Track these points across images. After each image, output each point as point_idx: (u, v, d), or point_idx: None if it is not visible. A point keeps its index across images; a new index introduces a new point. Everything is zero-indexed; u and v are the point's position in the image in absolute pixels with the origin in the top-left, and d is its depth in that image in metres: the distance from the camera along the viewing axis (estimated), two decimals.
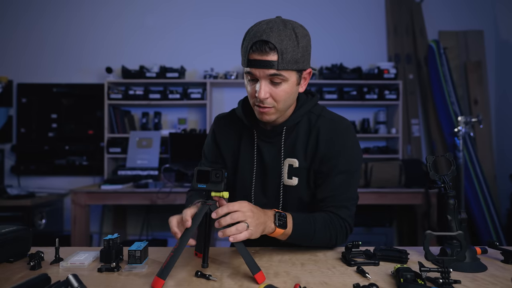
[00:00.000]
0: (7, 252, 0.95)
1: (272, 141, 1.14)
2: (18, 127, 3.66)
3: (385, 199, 2.95)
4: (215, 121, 1.26)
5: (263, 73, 0.98)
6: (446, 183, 0.99)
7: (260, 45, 0.96)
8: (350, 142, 1.10)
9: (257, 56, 0.97)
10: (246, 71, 1.02)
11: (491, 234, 3.24)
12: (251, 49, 0.98)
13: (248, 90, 1.05)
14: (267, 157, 1.14)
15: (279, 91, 1.00)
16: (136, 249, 0.93)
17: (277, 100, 1.02)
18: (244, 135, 1.18)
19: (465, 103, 3.73)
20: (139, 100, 3.48)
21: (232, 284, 0.80)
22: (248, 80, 1.04)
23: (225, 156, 1.21)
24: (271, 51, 0.96)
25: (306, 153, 1.11)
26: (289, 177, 1.12)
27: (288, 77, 1.00)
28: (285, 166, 1.12)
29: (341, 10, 3.81)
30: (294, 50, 0.98)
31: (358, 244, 1.00)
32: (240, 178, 1.18)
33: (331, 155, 1.08)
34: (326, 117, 1.13)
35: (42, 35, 3.72)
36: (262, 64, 0.97)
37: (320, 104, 1.18)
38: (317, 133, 1.11)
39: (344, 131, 1.10)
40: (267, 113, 1.04)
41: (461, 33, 3.76)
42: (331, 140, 1.09)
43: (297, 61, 0.99)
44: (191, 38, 3.76)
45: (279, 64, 0.96)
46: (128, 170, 3.20)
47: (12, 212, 3.00)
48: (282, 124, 1.11)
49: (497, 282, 0.82)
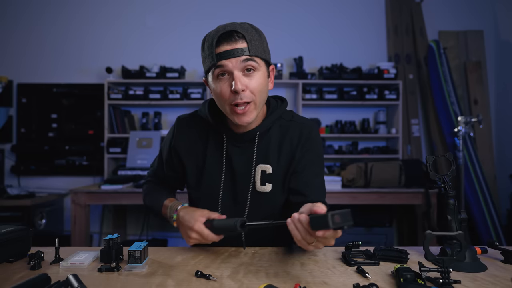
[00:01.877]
0: (7, 252, 0.95)
1: (243, 146, 1.11)
2: (18, 127, 3.66)
3: (385, 199, 2.95)
4: (177, 122, 1.19)
5: (236, 62, 0.97)
6: (446, 183, 0.99)
7: (227, 35, 0.97)
8: (319, 144, 1.15)
9: (226, 46, 0.97)
10: (215, 66, 0.98)
11: (491, 234, 3.23)
12: (217, 43, 0.97)
13: (219, 91, 1.00)
14: (237, 162, 1.11)
15: (254, 82, 0.99)
16: (136, 249, 0.92)
17: (254, 92, 0.99)
18: (210, 138, 1.14)
19: (465, 103, 3.73)
20: (139, 100, 3.48)
21: (232, 284, 0.80)
22: (217, 79, 1.00)
23: (185, 160, 1.15)
24: (240, 39, 0.97)
25: (280, 158, 1.11)
26: (262, 184, 1.10)
27: (259, 66, 1.00)
28: (258, 173, 1.10)
29: (341, 10, 3.81)
30: (259, 40, 1.00)
31: (358, 244, 1.00)
32: (205, 184, 1.13)
33: (305, 159, 1.11)
34: (297, 122, 1.14)
35: (42, 35, 3.72)
36: (233, 52, 0.96)
37: (288, 109, 1.19)
38: (291, 139, 1.11)
39: (315, 134, 1.13)
40: (246, 112, 1.00)
41: (461, 33, 3.76)
42: (304, 144, 1.11)
43: (264, 50, 1.02)
44: (191, 38, 3.76)
45: (250, 50, 0.97)
46: (128, 170, 3.20)
47: (12, 212, 3.00)
48: (255, 130, 1.09)
49: (497, 282, 0.82)
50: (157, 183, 1.27)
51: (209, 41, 0.99)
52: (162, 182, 1.27)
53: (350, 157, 3.49)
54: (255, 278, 0.84)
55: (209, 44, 0.99)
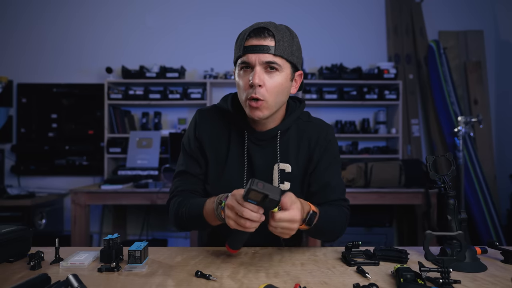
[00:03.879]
0: (7, 252, 0.95)
1: (263, 143, 1.12)
2: (18, 127, 3.66)
3: (385, 199, 2.95)
4: (199, 114, 1.17)
5: (259, 59, 0.99)
6: (446, 183, 0.99)
7: (258, 31, 1.00)
8: (336, 145, 1.19)
9: (254, 41, 0.99)
10: (240, 61, 1.02)
11: (491, 234, 3.23)
12: (248, 36, 1.00)
13: (241, 84, 1.03)
14: (258, 160, 1.12)
15: (273, 81, 1.00)
16: (136, 249, 0.92)
17: (269, 92, 1.00)
18: (232, 134, 1.14)
19: (465, 103, 3.73)
20: (139, 100, 3.48)
21: (232, 284, 0.80)
22: (240, 73, 1.03)
23: (208, 153, 1.14)
24: (269, 36, 0.99)
25: (298, 158, 1.13)
26: (281, 182, 1.11)
27: (283, 67, 1.01)
28: (276, 171, 1.12)
29: (341, 10, 3.81)
30: (290, 42, 1.01)
31: (358, 244, 1.00)
32: (226, 180, 1.12)
33: (324, 160, 1.14)
34: (314, 123, 1.17)
35: (42, 35, 3.72)
36: (259, 48, 0.98)
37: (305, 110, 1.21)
38: (308, 139, 1.14)
39: (332, 136, 1.17)
40: (259, 107, 1.01)
41: (461, 33, 3.76)
42: (322, 146, 1.14)
43: (293, 53, 1.02)
44: (191, 38, 3.76)
45: (276, 49, 0.98)
46: (128, 170, 3.20)
47: (12, 212, 3.00)
48: (276, 128, 1.11)
49: (497, 282, 0.82)
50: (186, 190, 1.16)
51: (242, 34, 1.03)
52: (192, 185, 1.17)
53: (350, 157, 3.49)
54: (255, 278, 0.84)
55: (241, 37, 1.03)
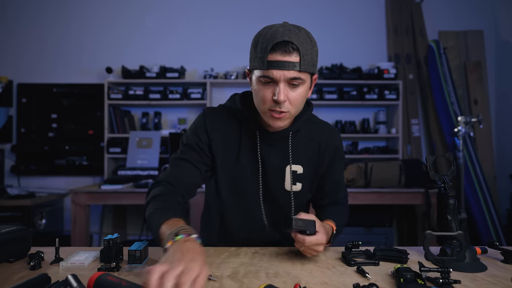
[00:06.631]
0: (7, 252, 0.95)
1: (275, 144, 1.13)
2: (18, 127, 3.66)
3: (385, 199, 2.95)
4: (208, 112, 1.14)
5: (284, 76, 0.95)
6: (446, 183, 0.99)
7: (282, 45, 0.93)
8: (342, 147, 1.23)
9: (279, 56, 0.94)
10: (261, 74, 0.97)
11: (491, 234, 3.23)
12: (271, 49, 0.94)
13: (261, 94, 0.99)
14: (270, 161, 1.12)
15: (296, 94, 0.98)
16: (136, 249, 0.92)
17: (292, 104, 0.99)
18: (244, 134, 1.13)
19: (465, 103, 3.73)
20: (139, 100, 3.48)
21: (232, 284, 0.80)
22: (261, 83, 0.98)
23: (216, 150, 1.11)
24: (294, 51, 0.94)
25: (308, 159, 1.15)
26: (293, 183, 1.13)
27: (305, 80, 0.99)
28: (288, 172, 1.13)
29: (341, 10, 3.81)
30: (311, 53, 0.97)
31: (358, 244, 1.00)
32: (240, 182, 1.12)
33: (334, 163, 1.19)
34: (322, 125, 1.20)
35: (42, 35, 3.72)
36: (284, 65, 0.94)
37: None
38: (317, 141, 1.16)
39: (339, 139, 1.21)
40: (282, 118, 1.00)
41: (461, 33, 3.76)
42: (332, 148, 1.17)
43: (314, 64, 1.00)
44: (191, 38, 3.76)
45: (301, 65, 0.95)
46: (128, 170, 3.20)
47: (12, 212, 3.00)
48: (288, 129, 1.10)
49: (497, 282, 0.82)
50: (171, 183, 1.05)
51: (264, 43, 0.96)
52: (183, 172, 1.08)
53: (350, 157, 3.49)
54: (255, 278, 0.84)
55: (263, 47, 0.96)
